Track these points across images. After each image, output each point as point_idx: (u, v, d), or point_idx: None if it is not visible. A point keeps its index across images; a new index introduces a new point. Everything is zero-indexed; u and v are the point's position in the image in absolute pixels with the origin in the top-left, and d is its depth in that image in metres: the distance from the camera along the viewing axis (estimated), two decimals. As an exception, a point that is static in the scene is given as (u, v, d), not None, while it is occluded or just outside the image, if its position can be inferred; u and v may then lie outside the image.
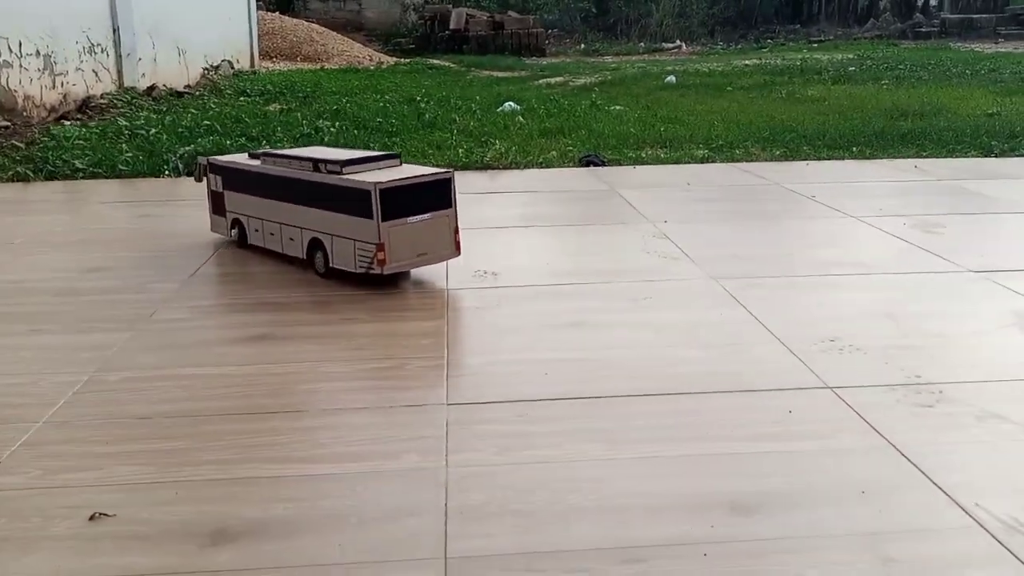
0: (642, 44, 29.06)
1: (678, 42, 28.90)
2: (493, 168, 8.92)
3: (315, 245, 4.99)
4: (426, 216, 4.77)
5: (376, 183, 4.52)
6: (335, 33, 24.65)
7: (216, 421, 3.39)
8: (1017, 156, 9.36)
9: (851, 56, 22.47)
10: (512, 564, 2.52)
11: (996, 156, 9.39)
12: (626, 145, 10.12)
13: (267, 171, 5.19)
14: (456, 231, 4.98)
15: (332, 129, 10.40)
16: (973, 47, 25.54)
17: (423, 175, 4.82)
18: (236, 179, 5.46)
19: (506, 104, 13.28)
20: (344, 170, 4.70)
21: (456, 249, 5.03)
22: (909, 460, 3.03)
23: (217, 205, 5.75)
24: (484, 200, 7.52)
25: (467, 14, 27.62)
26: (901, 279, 5.18)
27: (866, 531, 2.63)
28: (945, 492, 2.82)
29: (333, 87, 15.62)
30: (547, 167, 9.11)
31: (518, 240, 6.22)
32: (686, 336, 4.26)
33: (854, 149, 9.66)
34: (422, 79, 18.39)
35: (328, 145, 8.92)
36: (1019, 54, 22.29)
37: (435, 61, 22.74)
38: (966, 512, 2.71)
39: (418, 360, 3.97)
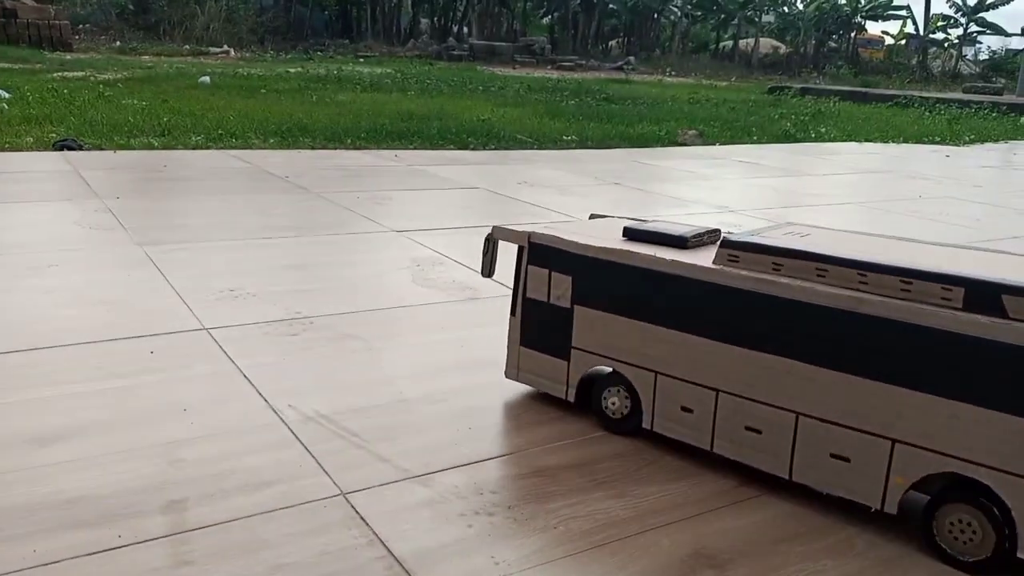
0: (187, 47, 27.83)
1: (226, 47, 28.21)
2: (-66, 150, 7.75)
3: (956, 496, 2.21)
4: None
5: None
6: None
7: None
8: (488, 150, 10.75)
9: (390, 70, 24.09)
10: None
11: (471, 149, 10.69)
12: (119, 133, 9.52)
13: (790, 296, 2.38)
14: None
15: None
16: (495, 70, 29.06)
17: None
18: (635, 288, 2.67)
19: (-12, 90, 11.69)
20: None
21: None
22: (247, 378, 3.20)
23: (546, 333, 2.94)
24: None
25: (-34, -4, 23.81)
26: (328, 238, 5.57)
27: (168, 441, 2.70)
28: (265, 399, 3.03)
29: None
30: (16, 150, 8.26)
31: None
32: (77, 296, 4.06)
33: (348, 141, 10.26)
34: None
35: None
36: (526, 76, 25.96)
37: (-86, 48, 19.24)
38: (276, 412, 2.94)
39: None
